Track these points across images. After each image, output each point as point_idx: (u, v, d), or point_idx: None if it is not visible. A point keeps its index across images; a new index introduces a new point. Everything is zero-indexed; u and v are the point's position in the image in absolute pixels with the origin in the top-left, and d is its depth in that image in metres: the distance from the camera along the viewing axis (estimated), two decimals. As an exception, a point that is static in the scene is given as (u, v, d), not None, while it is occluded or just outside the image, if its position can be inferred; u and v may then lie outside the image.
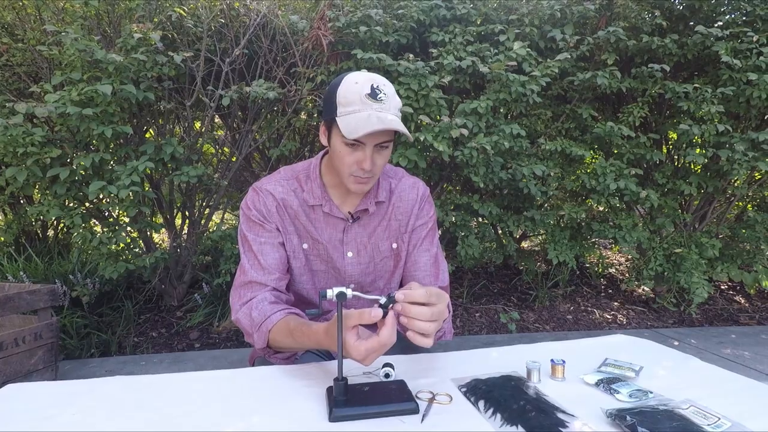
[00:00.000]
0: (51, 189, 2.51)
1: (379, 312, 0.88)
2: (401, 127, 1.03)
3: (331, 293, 0.94)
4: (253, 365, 1.30)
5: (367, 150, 1.07)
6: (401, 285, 1.32)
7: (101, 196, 2.65)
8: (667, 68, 3.01)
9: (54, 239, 4.46)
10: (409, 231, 1.27)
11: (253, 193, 1.21)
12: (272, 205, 1.19)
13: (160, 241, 4.86)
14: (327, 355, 1.28)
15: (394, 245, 1.26)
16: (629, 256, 5.04)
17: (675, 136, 3.89)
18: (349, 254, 1.23)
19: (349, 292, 0.93)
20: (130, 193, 2.42)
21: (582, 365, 1.10)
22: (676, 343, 3.11)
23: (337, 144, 1.09)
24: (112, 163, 2.60)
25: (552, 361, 1.05)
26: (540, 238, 5.04)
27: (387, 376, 1.02)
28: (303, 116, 3.19)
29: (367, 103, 1.04)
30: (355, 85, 1.06)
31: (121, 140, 2.81)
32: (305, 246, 1.21)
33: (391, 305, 0.91)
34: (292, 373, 1.06)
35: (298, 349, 1.12)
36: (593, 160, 3.93)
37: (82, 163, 2.34)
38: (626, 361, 1.11)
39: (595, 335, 1.40)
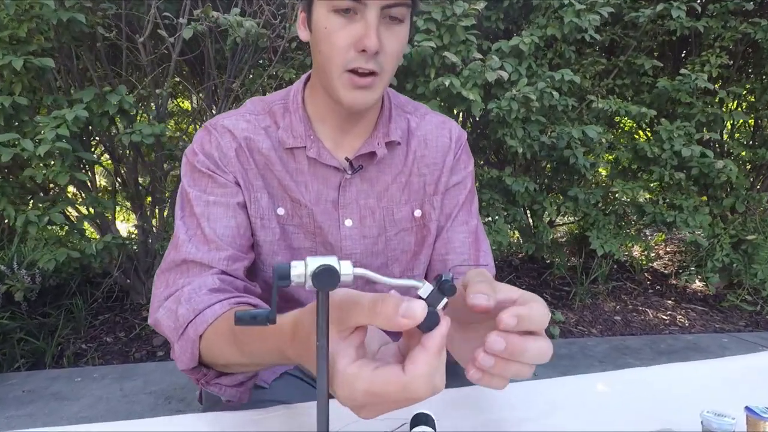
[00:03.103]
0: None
1: (418, 309, 0.39)
2: None
3: (301, 270, 0.41)
4: (200, 401, 0.90)
5: (369, 15, 0.67)
6: (428, 272, 0.91)
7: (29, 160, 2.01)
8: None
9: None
10: (440, 192, 0.87)
11: (203, 133, 0.80)
12: (230, 148, 0.79)
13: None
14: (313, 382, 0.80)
15: (417, 212, 0.87)
16: (678, 245, 4.42)
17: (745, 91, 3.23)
18: (348, 223, 0.83)
19: (347, 268, 0.42)
20: (55, 151, 1.79)
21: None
22: (770, 352, 2.46)
23: (322, 17, 0.70)
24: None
25: (748, 410, 0.61)
26: (566, 227, 4.38)
27: (422, 442, 0.52)
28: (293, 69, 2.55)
29: None
30: None
31: (59, 84, 2.18)
32: (280, 211, 0.82)
33: (444, 304, 0.42)
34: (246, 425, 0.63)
35: (249, 367, 0.65)
36: (649, 128, 3.28)
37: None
38: None
39: (659, 341, 0.90)
